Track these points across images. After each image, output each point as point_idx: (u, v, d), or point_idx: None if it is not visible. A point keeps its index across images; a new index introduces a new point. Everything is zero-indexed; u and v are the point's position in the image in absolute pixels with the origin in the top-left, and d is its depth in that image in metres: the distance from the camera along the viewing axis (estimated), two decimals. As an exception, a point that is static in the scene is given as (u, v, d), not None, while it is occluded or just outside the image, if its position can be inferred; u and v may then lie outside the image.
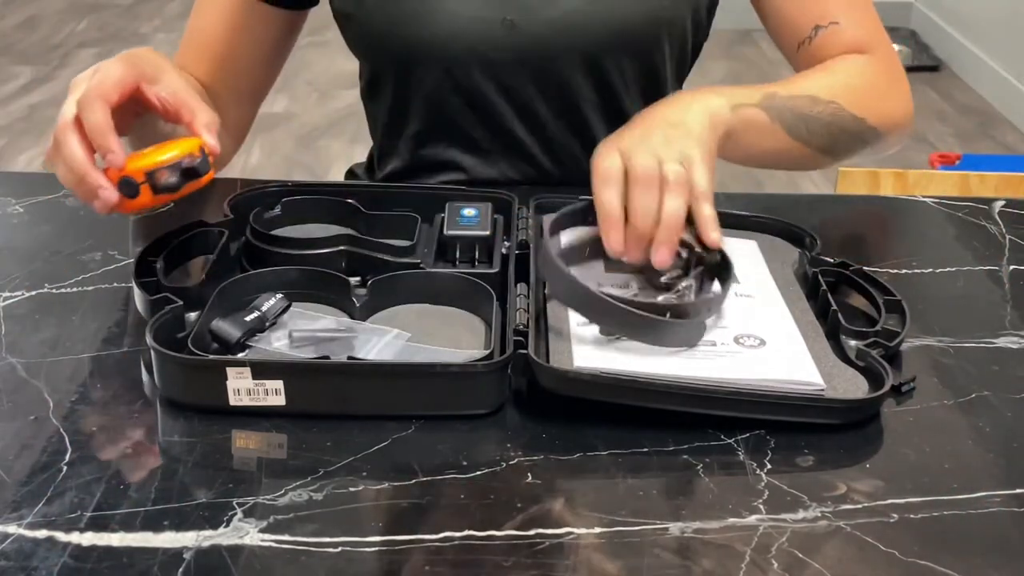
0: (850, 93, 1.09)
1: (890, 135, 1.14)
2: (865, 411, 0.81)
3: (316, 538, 0.68)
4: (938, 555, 0.68)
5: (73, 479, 0.73)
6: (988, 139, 3.74)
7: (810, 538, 0.70)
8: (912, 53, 4.38)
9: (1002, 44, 4.01)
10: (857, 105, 1.09)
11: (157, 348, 0.79)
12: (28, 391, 0.82)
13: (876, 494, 0.74)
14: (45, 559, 0.66)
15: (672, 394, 0.79)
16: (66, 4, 5.06)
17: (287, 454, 0.77)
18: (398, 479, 0.74)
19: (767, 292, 0.94)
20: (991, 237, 1.11)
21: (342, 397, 0.79)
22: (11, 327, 0.90)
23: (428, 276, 0.93)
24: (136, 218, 1.04)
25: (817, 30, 1.14)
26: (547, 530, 0.70)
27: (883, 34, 1.17)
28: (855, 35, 1.14)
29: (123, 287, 0.96)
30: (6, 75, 4.17)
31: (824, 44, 1.14)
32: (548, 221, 0.92)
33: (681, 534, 0.70)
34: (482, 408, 0.80)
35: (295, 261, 0.93)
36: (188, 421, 0.79)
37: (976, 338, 0.92)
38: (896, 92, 1.16)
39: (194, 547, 0.67)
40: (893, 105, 1.15)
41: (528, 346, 0.81)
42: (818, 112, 1.06)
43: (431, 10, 1.12)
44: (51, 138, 0.91)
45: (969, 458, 0.79)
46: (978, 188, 1.51)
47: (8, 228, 1.08)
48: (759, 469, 0.76)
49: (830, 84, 1.09)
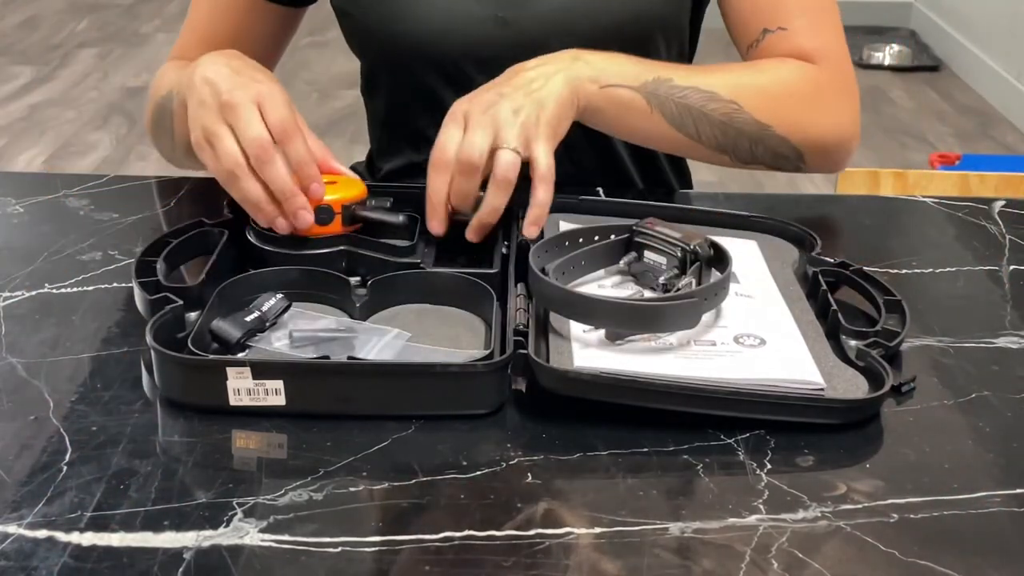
0: (759, 96, 1.06)
1: (809, 151, 1.09)
2: (865, 411, 0.81)
3: (316, 538, 0.68)
4: (938, 555, 0.68)
5: (73, 479, 0.73)
6: (988, 139, 3.74)
7: (810, 538, 0.70)
8: (912, 53, 4.38)
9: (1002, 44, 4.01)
10: (763, 110, 1.06)
11: (157, 348, 0.79)
12: (28, 391, 0.82)
13: (876, 494, 0.74)
14: (45, 559, 0.66)
15: (672, 394, 0.79)
16: (66, 4, 5.06)
17: (287, 454, 0.77)
18: (398, 479, 0.74)
19: (767, 292, 0.94)
20: (991, 237, 1.11)
21: (342, 397, 0.79)
22: (11, 327, 0.90)
23: (428, 276, 0.93)
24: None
25: (765, 33, 1.11)
26: (547, 530, 0.70)
27: (840, 47, 1.13)
28: (804, 43, 1.10)
29: (123, 287, 0.96)
30: (6, 75, 4.17)
31: (770, 48, 1.11)
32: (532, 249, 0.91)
33: (681, 534, 0.70)
34: (482, 408, 0.80)
35: (295, 261, 0.93)
36: (188, 421, 0.79)
37: (976, 338, 0.92)
38: (832, 107, 1.11)
39: (194, 547, 0.67)
40: (819, 119, 1.09)
41: (528, 346, 0.81)
42: (711, 109, 1.04)
43: (425, 6, 1.12)
44: (221, 151, 0.92)
45: (969, 458, 0.79)
46: (978, 188, 1.51)
47: (8, 228, 1.08)
48: (759, 469, 0.76)
49: (739, 83, 1.06)
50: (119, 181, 1.18)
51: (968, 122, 3.89)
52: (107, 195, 1.14)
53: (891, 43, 4.41)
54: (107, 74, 4.23)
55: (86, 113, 3.84)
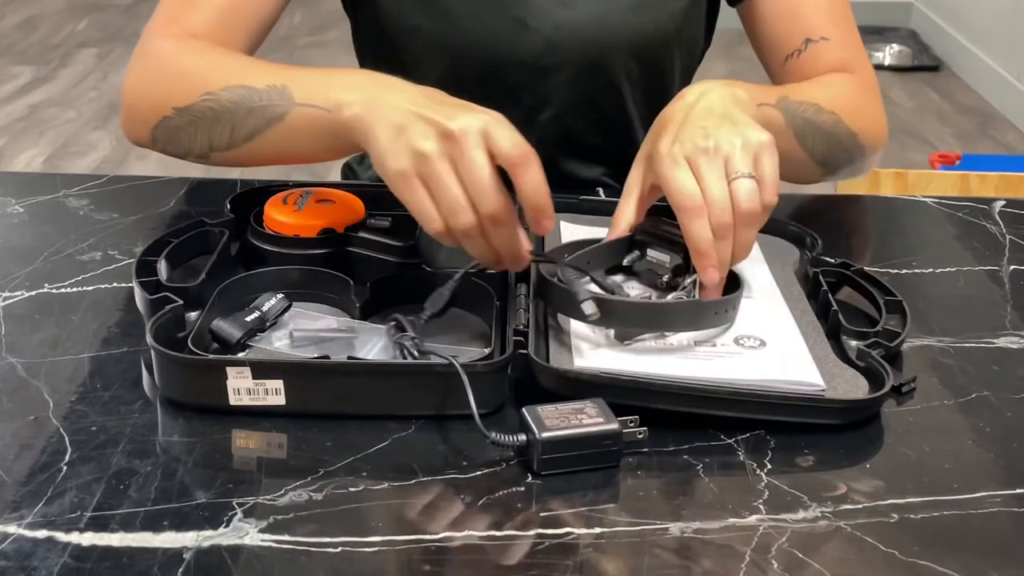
0: (847, 107, 1.08)
1: (872, 155, 1.14)
2: (865, 411, 0.81)
3: (316, 538, 0.68)
4: (938, 555, 0.68)
5: (73, 479, 0.73)
6: (988, 139, 3.74)
7: (810, 538, 0.70)
8: (912, 53, 4.38)
9: (1002, 44, 4.01)
10: (852, 120, 1.08)
11: (157, 348, 0.79)
12: (28, 391, 0.82)
13: (876, 494, 0.74)
14: (45, 559, 0.66)
15: (672, 394, 0.79)
16: (66, 4, 5.06)
17: (287, 454, 0.77)
18: (398, 479, 0.74)
19: (768, 292, 0.94)
20: (991, 237, 1.11)
21: (342, 397, 0.79)
22: (11, 327, 0.90)
23: (428, 276, 0.93)
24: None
25: (807, 43, 1.13)
26: (547, 530, 0.70)
27: (865, 56, 1.17)
28: (841, 54, 1.13)
29: (123, 287, 0.96)
30: (6, 75, 4.17)
31: (812, 58, 1.13)
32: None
33: (681, 534, 0.70)
34: (482, 408, 0.80)
35: (295, 261, 0.93)
36: (188, 421, 0.79)
37: (976, 338, 0.92)
38: (877, 113, 1.15)
39: (194, 547, 0.67)
40: (875, 125, 1.14)
41: (528, 346, 0.81)
42: (822, 120, 1.05)
43: (445, 1, 1.12)
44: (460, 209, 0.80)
45: (969, 458, 0.79)
46: (978, 188, 1.52)
47: (8, 228, 1.08)
48: (759, 469, 0.76)
49: (829, 96, 1.08)
50: (119, 181, 1.18)
51: (968, 122, 3.89)
52: (107, 195, 1.14)
53: (891, 43, 4.41)
54: (107, 74, 4.23)
55: (86, 113, 3.84)
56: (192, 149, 1.00)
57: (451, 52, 1.14)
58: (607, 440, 0.75)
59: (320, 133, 0.90)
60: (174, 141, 1.01)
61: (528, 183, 0.81)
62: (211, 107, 0.96)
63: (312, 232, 0.94)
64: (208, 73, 0.98)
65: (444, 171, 0.80)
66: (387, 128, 0.82)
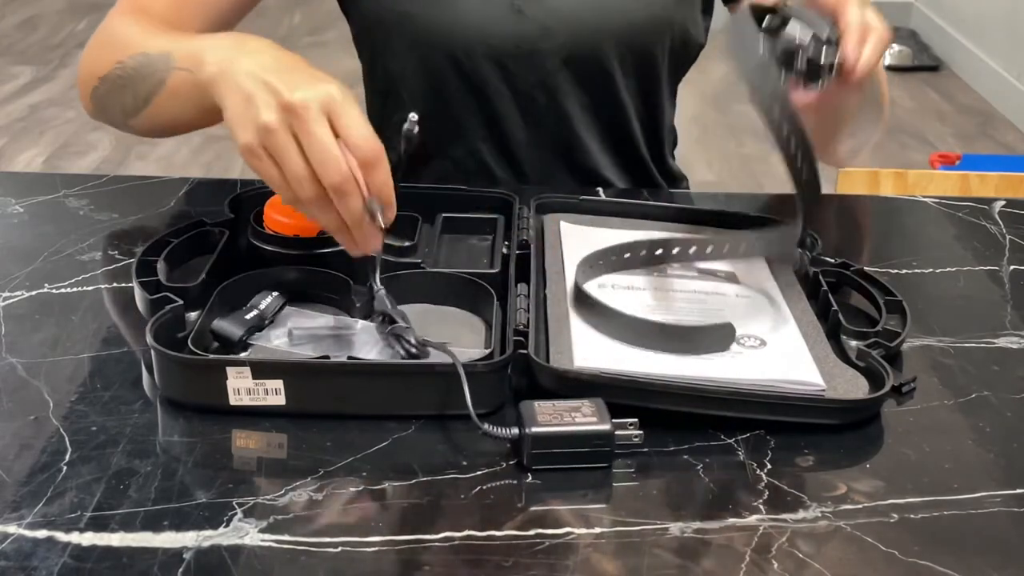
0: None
1: (867, 146, 1.20)
2: (865, 411, 0.81)
3: (316, 538, 0.68)
4: (938, 555, 0.68)
5: (73, 479, 0.73)
6: (988, 139, 3.74)
7: (810, 538, 0.70)
8: (912, 53, 4.38)
9: (1002, 44, 4.01)
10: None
11: (157, 348, 0.79)
12: (28, 391, 0.82)
13: (876, 494, 0.74)
14: (45, 559, 0.66)
15: (672, 394, 0.79)
16: (66, 4, 5.06)
17: (287, 454, 0.77)
18: (398, 479, 0.74)
19: (768, 292, 0.94)
20: (991, 237, 1.11)
21: (342, 397, 0.79)
22: (11, 327, 0.90)
23: (428, 276, 0.93)
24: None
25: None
26: (547, 530, 0.70)
27: None
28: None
29: (123, 287, 0.96)
30: (6, 75, 4.17)
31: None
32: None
33: (681, 534, 0.70)
34: (482, 408, 0.80)
35: (295, 261, 0.93)
36: (188, 421, 0.79)
37: (976, 338, 0.92)
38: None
39: (194, 547, 0.67)
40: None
41: (528, 346, 0.81)
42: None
43: None
44: (293, 173, 0.80)
45: (969, 458, 0.79)
46: (978, 188, 1.51)
47: (8, 228, 1.08)
48: (759, 469, 0.76)
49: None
50: (119, 181, 1.18)
51: (968, 122, 3.89)
52: (107, 195, 1.14)
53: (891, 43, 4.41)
54: (107, 74, 4.23)
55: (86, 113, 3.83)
56: (115, 117, 1.07)
57: (445, 38, 1.14)
58: (598, 440, 0.75)
59: (191, 95, 0.91)
60: (104, 109, 1.07)
61: (374, 183, 0.81)
62: (119, 74, 1.01)
63: (312, 232, 0.94)
64: (125, 42, 1.02)
65: (286, 143, 0.80)
66: (235, 96, 0.82)
